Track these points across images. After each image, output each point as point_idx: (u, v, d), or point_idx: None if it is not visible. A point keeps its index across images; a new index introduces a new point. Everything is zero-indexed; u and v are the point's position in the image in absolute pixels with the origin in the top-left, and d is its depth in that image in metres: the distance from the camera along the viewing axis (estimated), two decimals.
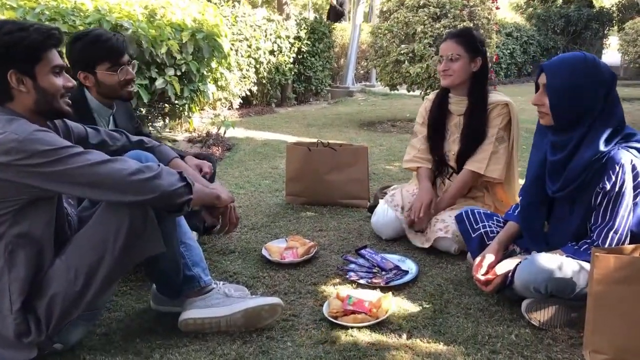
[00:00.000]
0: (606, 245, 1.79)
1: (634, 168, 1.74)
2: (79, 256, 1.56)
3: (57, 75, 1.54)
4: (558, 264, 1.78)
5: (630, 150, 1.76)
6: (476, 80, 2.59)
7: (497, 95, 2.62)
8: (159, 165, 1.56)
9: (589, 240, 1.85)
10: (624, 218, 1.78)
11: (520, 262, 1.87)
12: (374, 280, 2.21)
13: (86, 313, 1.65)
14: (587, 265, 1.81)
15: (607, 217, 1.79)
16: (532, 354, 1.71)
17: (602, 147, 1.77)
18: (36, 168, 1.40)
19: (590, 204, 1.84)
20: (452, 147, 2.69)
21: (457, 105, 2.66)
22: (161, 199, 1.51)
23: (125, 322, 1.93)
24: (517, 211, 2.14)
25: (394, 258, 2.42)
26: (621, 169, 1.73)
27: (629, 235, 1.80)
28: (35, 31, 1.48)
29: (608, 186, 1.76)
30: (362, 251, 2.46)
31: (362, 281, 2.21)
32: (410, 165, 2.81)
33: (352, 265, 2.36)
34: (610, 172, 1.74)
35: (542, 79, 1.86)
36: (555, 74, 1.81)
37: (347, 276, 2.26)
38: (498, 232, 2.14)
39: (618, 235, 1.79)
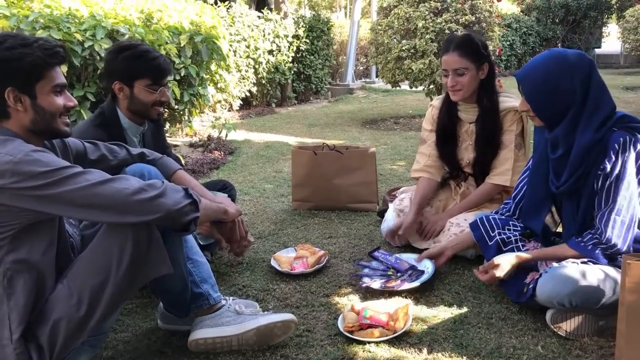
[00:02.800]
0: (608, 230, 1.72)
1: (635, 147, 1.69)
2: (81, 280, 1.47)
3: (57, 94, 1.45)
4: (581, 272, 1.71)
5: (629, 130, 1.71)
6: (485, 86, 2.49)
7: (507, 100, 2.52)
8: (162, 182, 1.47)
9: (592, 230, 1.78)
10: (626, 199, 1.70)
11: (540, 274, 1.79)
12: (387, 284, 2.12)
13: (91, 338, 1.57)
14: (611, 271, 1.73)
15: (610, 200, 1.73)
16: None
17: (595, 133, 1.72)
18: (33, 191, 1.31)
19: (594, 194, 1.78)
20: (464, 154, 2.60)
21: (467, 113, 2.56)
22: (166, 219, 1.43)
23: (133, 343, 1.85)
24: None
25: (409, 257, 2.33)
26: (620, 148, 1.69)
27: (637, 221, 1.73)
28: (39, 48, 1.39)
29: (608, 167, 1.71)
30: (375, 253, 2.36)
31: (374, 285, 2.12)
32: (419, 175, 2.70)
33: (366, 270, 2.28)
34: (611, 152, 1.70)
35: (520, 87, 1.87)
36: (526, 80, 1.83)
37: (360, 283, 2.17)
38: (515, 239, 2.06)
39: (621, 217, 1.71)
